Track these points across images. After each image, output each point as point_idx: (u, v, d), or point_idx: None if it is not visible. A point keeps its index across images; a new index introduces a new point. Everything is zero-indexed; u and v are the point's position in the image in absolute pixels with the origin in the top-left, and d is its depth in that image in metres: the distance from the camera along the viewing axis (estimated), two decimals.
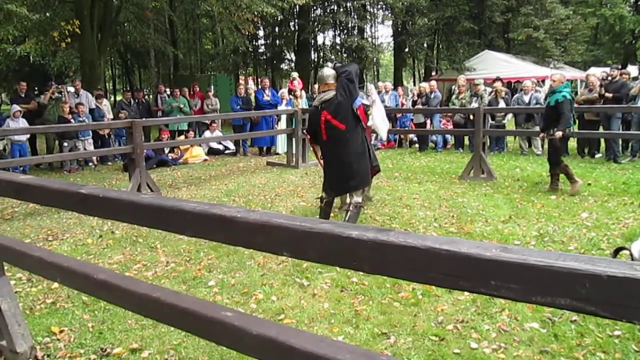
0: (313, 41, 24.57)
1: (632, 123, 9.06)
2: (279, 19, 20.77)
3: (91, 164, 10.37)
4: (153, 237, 5.06)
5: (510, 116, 11.18)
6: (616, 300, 0.88)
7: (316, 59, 25.31)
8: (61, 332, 3.17)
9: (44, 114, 10.09)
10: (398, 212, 5.87)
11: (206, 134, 11.76)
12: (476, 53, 20.64)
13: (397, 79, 24.42)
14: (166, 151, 10.75)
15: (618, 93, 9.12)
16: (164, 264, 4.38)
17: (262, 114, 10.93)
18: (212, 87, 16.75)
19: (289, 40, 24.42)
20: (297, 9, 20.93)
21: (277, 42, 24.66)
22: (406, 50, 23.89)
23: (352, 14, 21.96)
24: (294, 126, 9.43)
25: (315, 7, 21.89)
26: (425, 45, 24.32)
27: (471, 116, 9.51)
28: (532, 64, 19.66)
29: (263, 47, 26.14)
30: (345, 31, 23.10)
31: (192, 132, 11.66)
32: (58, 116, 9.81)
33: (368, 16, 23.77)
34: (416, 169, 8.86)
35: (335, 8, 21.54)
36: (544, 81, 15.13)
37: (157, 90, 13.41)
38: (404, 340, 2.96)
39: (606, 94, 9.22)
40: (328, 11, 22.22)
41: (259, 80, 22.38)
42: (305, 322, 3.23)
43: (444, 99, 13.46)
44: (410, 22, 21.38)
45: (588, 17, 24.68)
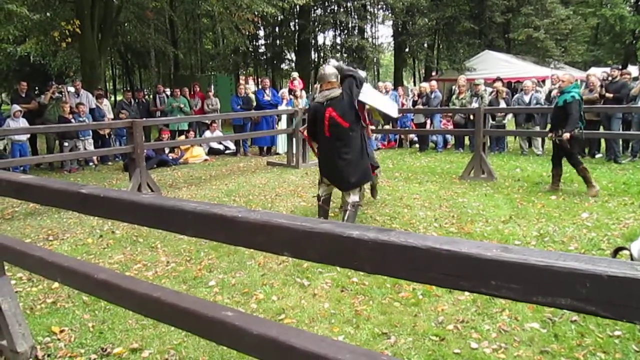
0: (313, 41, 24.58)
1: (633, 123, 9.07)
2: (279, 19, 20.78)
3: (91, 163, 10.38)
4: (153, 237, 5.07)
5: (511, 116, 11.19)
6: (617, 300, 0.88)
7: (316, 59, 25.31)
8: (62, 331, 3.17)
9: (45, 113, 10.09)
10: (398, 212, 5.87)
11: (206, 134, 11.76)
12: (476, 53, 20.65)
13: (397, 79, 24.43)
14: (166, 151, 10.75)
15: (618, 93, 9.12)
16: (164, 264, 4.38)
17: (262, 114, 10.93)
18: (212, 87, 16.76)
19: (290, 40, 24.43)
20: (298, 9, 20.95)
21: (278, 42, 24.67)
22: (406, 50, 23.90)
23: (353, 14, 21.98)
24: (294, 126, 9.43)
25: (315, 7, 21.90)
26: (426, 45, 24.33)
27: (471, 116, 9.51)
28: (533, 64, 19.67)
29: (263, 47, 26.17)
30: (346, 31, 23.10)
31: (193, 132, 11.66)
32: (58, 116, 9.82)
33: (368, 16, 23.79)
34: (416, 169, 8.86)
35: (336, 8, 21.55)
36: (544, 81, 15.14)
37: (156, 91, 13.38)
38: (405, 340, 2.96)
39: (607, 94, 9.22)
40: (328, 11, 22.23)
41: (259, 80, 22.39)
42: (306, 322, 3.23)
43: (444, 99, 13.47)
44: (410, 22, 21.39)
45: (588, 17, 24.70)
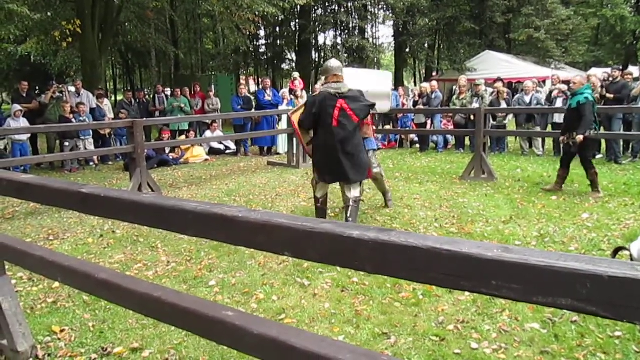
0: (314, 41, 24.60)
1: (633, 124, 9.06)
2: (280, 19, 20.80)
3: (92, 163, 10.39)
4: (154, 236, 5.07)
5: (511, 116, 11.18)
6: (617, 301, 0.88)
7: (317, 59, 25.32)
8: (62, 331, 3.18)
9: (45, 113, 10.10)
10: (399, 213, 5.87)
11: (207, 133, 11.77)
12: (477, 53, 20.65)
13: (398, 79, 24.41)
14: (167, 151, 10.76)
15: (619, 94, 9.12)
16: (164, 264, 4.39)
17: (263, 114, 10.94)
18: (213, 86, 16.76)
19: (290, 40, 24.44)
20: (298, 9, 20.96)
21: (278, 42, 24.70)
22: (407, 50, 23.92)
23: (353, 14, 21.98)
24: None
25: (316, 7, 21.91)
26: (426, 45, 24.34)
27: (472, 117, 9.51)
28: (533, 64, 19.67)
29: (264, 47, 26.19)
30: (347, 31, 23.10)
31: (193, 132, 11.67)
32: (59, 116, 9.83)
33: (369, 16, 23.80)
34: (417, 169, 8.86)
35: (336, 8, 21.55)
36: (545, 82, 15.13)
37: (155, 91, 13.38)
38: (405, 341, 2.96)
39: (607, 95, 9.21)
40: (329, 11, 22.24)
41: (259, 80, 22.40)
42: (306, 322, 3.23)
43: (444, 100, 13.47)
44: (411, 23, 21.40)
45: (589, 18, 24.71)
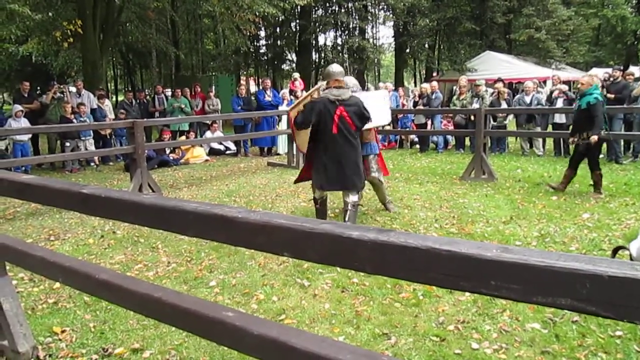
0: (314, 42, 24.60)
1: (634, 124, 9.06)
2: (280, 19, 20.81)
3: (93, 164, 10.40)
4: (154, 237, 5.07)
5: (512, 117, 11.18)
6: (617, 301, 0.88)
7: (317, 60, 25.32)
8: (63, 332, 3.18)
9: (46, 113, 10.11)
10: (399, 213, 5.87)
11: (207, 134, 11.77)
12: (477, 54, 20.65)
13: (398, 79, 24.45)
14: (167, 151, 10.76)
15: (620, 94, 9.11)
16: (165, 264, 4.39)
17: (263, 115, 10.94)
18: (213, 87, 16.77)
19: (290, 41, 24.45)
20: (299, 10, 20.98)
21: (279, 42, 24.69)
22: (407, 51, 23.92)
23: (354, 14, 21.98)
24: None
25: (316, 8, 21.92)
26: (427, 45, 24.34)
27: (472, 117, 9.51)
28: (534, 64, 19.67)
29: (264, 47, 26.18)
30: (347, 32, 23.12)
31: (193, 133, 11.67)
32: (60, 116, 9.84)
33: (369, 17, 23.79)
34: (417, 170, 8.86)
35: (337, 9, 21.57)
36: (545, 82, 15.13)
37: (155, 91, 13.38)
38: (405, 341, 2.96)
39: (608, 95, 9.20)
40: (329, 12, 22.24)
41: (260, 80, 22.40)
42: (306, 323, 3.23)
43: (445, 100, 13.46)
44: (411, 23, 21.41)
45: (590, 18, 24.70)
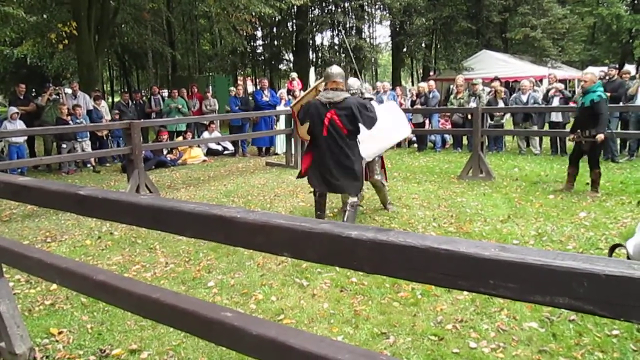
0: (311, 41, 24.57)
1: (630, 122, 9.08)
2: (277, 19, 20.80)
3: (89, 165, 10.36)
4: (152, 238, 5.06)
5: (508, 116, 11.20)
6: (614, 299, 0.89)
7: (314, 60, 25.30)
8: (60, 333, 3.17)
9: (42, 115, 10.08)
10: (397, 212, 5.87)
11: (205, 134, 11.76)
12: (474, 53, 20.68)
13: (395, 79, 24.44)
14: (165, 152, 10.74)
15: (616, 92, 9.12)
16: (163, 265, 4.38)
17: (260, 115, 10.93)
18: (210, 87, 16.75)
19: (287, 41, 24.43)
20: (295, 10, 20.95)
21: (275, 42, 24.67)
22: (404, 50, 23.92)
23: (350, 14, 21.97)
24: (293, 127, 9.41)
25: (313, 8, 21.89)
26: (423, 45, 24.36)
27: (469, 116, 9.52)
28: (530, 63, 19.71)
29: (261, 47, 26.13)
30: (344, 31, 23.11)
31: (191, 133, 11.65)
32: (56, 118, 9.80)
33: (366, 16, 23.78)
34: (415, 169, 8.87)
35: (333, 8, 21.55)
36: (541, 81, 15.18)
37: (151, 92, 13.34)
38: (403, 340, 2.97)
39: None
40: (326, 11, 22.23)
41: (257, 80, 22.38)
42: (305, 322, 3.23)
43: (442, 99, 13.48)
44: (408, 22, 21.42)
45: (585, 17, 24.76)
